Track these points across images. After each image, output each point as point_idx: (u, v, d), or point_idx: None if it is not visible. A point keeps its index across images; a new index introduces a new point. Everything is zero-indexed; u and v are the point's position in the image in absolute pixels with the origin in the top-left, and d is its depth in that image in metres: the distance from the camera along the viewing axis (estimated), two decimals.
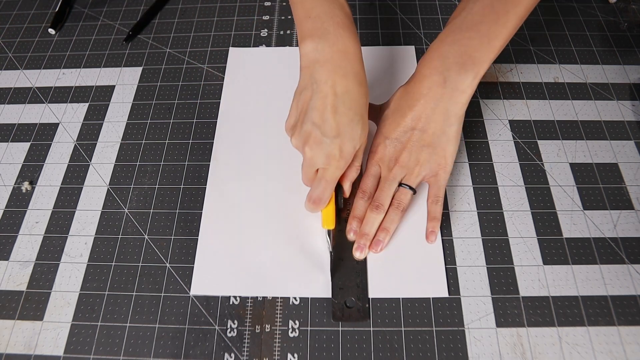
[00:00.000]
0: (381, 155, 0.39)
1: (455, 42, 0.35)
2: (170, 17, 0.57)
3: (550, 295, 0.37)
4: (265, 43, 0.54)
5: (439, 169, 0.38)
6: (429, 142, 0.38)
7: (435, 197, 0.39)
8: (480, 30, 0.34)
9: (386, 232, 0.38)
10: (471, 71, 0.35)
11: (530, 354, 0.35)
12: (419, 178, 0.39)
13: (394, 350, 0.35)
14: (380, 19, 0.55)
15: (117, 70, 0.52)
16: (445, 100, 0.36)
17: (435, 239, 0.39)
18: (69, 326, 0.37)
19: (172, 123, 0.48)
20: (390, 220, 0.38)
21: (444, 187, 0.39)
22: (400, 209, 0.38)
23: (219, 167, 0.44)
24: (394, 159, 0.39)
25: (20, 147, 0.47)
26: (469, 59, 0.35)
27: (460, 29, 0.35)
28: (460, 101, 0.36)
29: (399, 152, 0.39)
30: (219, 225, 0.41)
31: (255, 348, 0.36)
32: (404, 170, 0.39)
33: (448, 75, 0.35)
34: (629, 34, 0.53)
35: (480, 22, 0.34)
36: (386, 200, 0.38)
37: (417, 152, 0.38)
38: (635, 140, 0.45)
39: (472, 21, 0.34)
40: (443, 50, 0.36)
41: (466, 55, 0.35)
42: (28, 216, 0.43)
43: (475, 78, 0.35)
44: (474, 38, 0.34)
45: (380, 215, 0.38)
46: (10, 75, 0.53)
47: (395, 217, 0.38)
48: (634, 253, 0.39)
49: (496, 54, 0.35)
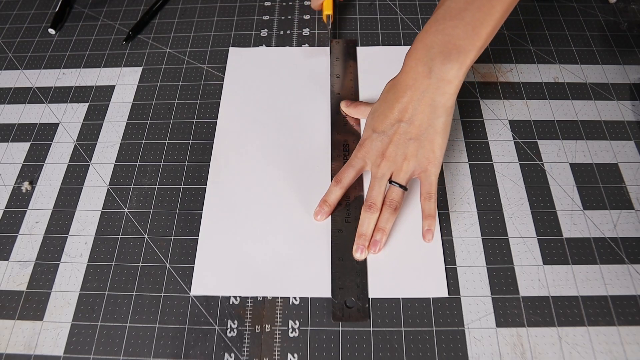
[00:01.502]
0: (368, 149, 0.39)
1: (439, 31, 0.34)
2: (170, 17, 0.57)
3: (550, 295, 0.37)
4: (265, 43, 0.54)
5: (428, 163, 0.37)
6: (416, 135, 0.36)
7: (428, 194, 0.37)
8: (464, 18, 0.33)
9: (382, 232, 0.38)
10: (456, 61, 0.34)
11: (530, 354, 0.35)
12: (407, 174, 0.38)
13: (394, 350, 0.35)
14: (380, 19, 0.55)
15: (117, 70, 0.52)
16: (432, 91, 0.35)
17: (432, 238, 0.38)
18: (69, 326, 0.37)
19: (172, 123, 0.48)
20: (385, 220, 0.38)
21: (435, 183, 0.38)
22: (394, 208, 0.38)
23: (219, 166, 0.44)
24: (380, 153, 0.38)
25: (20, 147, 0.47)
26: (453, 48, 0.34)
27: (444, 18, 0.34)
28: (447, 92, 0.35)
29: (386, 145, 0.38)
30: (219, 225, 0.41)
31: (255, 348, 0.36)
32: (391, 165, 0.38)
33: (433, 65, 0.34)
34: (629, 34, 0.53)
35: (464, 10, 0.33)
36: (378, 198, 0.38)
37: (403, 145, 0.37)
38: (635, 140, 0.45)
39: (455, 9, 0.33)
40: (427, 41, 0.35)
41: (451, 45, 0.34)
42: (28, 216, 0.43)
43: (462, 68, 0.34)
44: (458, 26, 0.33)
45: (375, 215, 0.38)
46: (10, 75, 0.53)
47: (389, 216, 0.38)
48: (634, 253, 0.39)
49: (484, 43, 0.34)
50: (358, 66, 0.51)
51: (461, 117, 0.47)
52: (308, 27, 0.55)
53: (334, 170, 0.43)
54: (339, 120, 0.47)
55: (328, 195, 0.40)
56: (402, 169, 0.38)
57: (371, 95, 0.48)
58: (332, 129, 0.46)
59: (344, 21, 0.55)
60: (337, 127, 0.46)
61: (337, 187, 0.39)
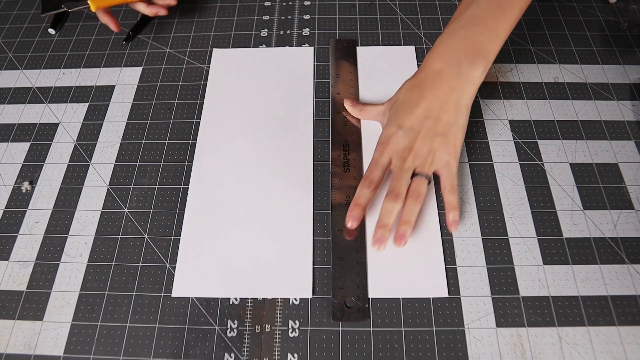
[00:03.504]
0: (394, 146, 0.39)
1: (465, 37, 0.37)
2: (170, 17, 0.57)
3: (550, 295, 0.37)
4: (265, 43, 0.54)
5: (450, 157, 0.39)
6: (442, 131, 0.38)
7: (451, 187, 0.39)
8: (488, 24, 0.36)
9: (408, 224, 0.37)
10: (482, 64, 0.37)
11: (530, 354, 0.35)
12: (432, 167, 0.39)
13: (394, 350, 0.35)
14: (380, 19, 0.55)
15: (117, 70, 0.52)
16: (458, 91, 0.38)
17: (457, 228, 0.39)
18: (69, 326, 0.37)
19: (172, 123, 0.48)
20: (410, 211, 0.38)
21: (456, 176, 0.39)
22: (419, 200, 0.38)
23: (201, 167, 0.44)
24: (407, 148, 0.39)
25: (20, 147, 0.47)
26: (479, 52, 0.37)
27: (469, 24, 0.37)
28: (470, 93, 0.38)
29: (413, 141, 0.39)
30: (201, 226, 0.41)
31: (255, 348, 0.36)
32: (417, 159, 0.39)
33: (460, 68, 0.37)
34: (629, 34, 0.53)
35: (488, 17, 0.36)
36: (403, 189, 0.38)
37: (430, 140, 0.39)
38: (635, 140, 0.45)
39: (480, 16, 0.37)
40: (454, 45, 0.38)
41: (477, 50, 0.37)
42: (28, 216, 0.43)
43: (485, 70, 0.38)
44: (483, 33, 0.37)
45: (399, 205, 0.38)
46: (10, 75, 0.53)
47: (414, 208, 0.38)
48: (634, 253, 0.39)
49: (502, 45, 0.38)
50: (358, 66, 0.51)
51: None
52: (308, 27, 0.55)
53: (334, 172, 0.43)
54: (339, 120, 0.47)
55: (360, 198, 0.38)
56: (427, 161, 0.39)
57: (371, 95, 0.49)
58: (332, 128, 0.46)
59: (344, 21, 0.55)
60: (337, 127, 0.46)
61: (369, 188, 0.38)
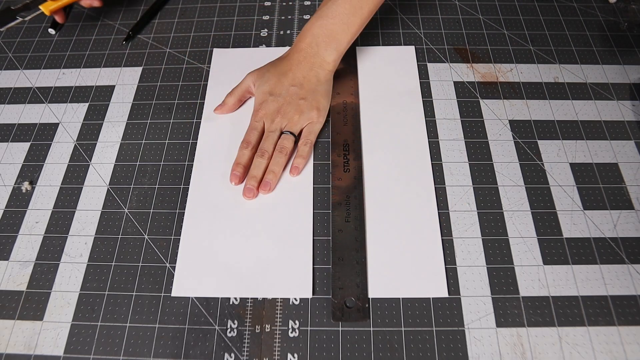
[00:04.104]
0: (265, 110, 0.45)
1: (323, 26, 0.46)
2: (170, 17, 0.57)
3: (550, 295, 0.37)
4: (265, 43, 0.54)
5: (313, 117, 0.46)
6: (305, 96, 0.46)
7: (306, 139, 0.45)
8: (342, 19, 0.45)
9: (273, 174, 0.43)
10: (335, 48, 0.46)
11: (530, 354, 0.35)
12: (298, 125, 0.45)
13: (394, 350, 0.35)
14: (380, 19, 0.55)
15: (117, 70, 0.52)
16: (316, 67, 0.46)
17: (297, 174, 0.44)
18: (69, 326, 0.37)
19: (172, 123, 0.48)
20: (275, 162, 0.43)
21: (315, 133, 0.46)
22: (284, 153, 0.44)
23: (201, 167, 0.44)
24: (277, 111, 0.45)
25: (20, 147, 0.47)
26: (333, 39, 0.46)
27: (327, 17, 0.46)
28: (326, 69, 0.47)
29: (281, 104, 0.45)
30: (201, 226, 0.41)
31: (255, 348, 0.36)
32: (285, 120, 0.45)
33: (317, 49, 0.46)
34: (629, 34, 0.53)
35: (342, 13, 0.45)
36: (270, 147, 0.44)
37: (296, 103, 0.45)
38: (635, 140, 0.45)
39: (336, 12, 0.45)
40: (314, 31, 0.46)
41: (331, 37, 0.46)
42: (28, 216, 0.43)
43: (338, 53, 0.46)
44: (337, 24, 0.45)
45: (265, 160, 0.43)
46: (10, 75, 0.53)
47: (280, 159, 0.44)
48: (634, 253, 0.39)
49: (353, 36, 0.46)
50: (358, 66, 0.51)
51: (461, 117, 0.47)
52: None
53: (333, 173, 0.43)
54: (339, 120, 0.47)
55: (240, 158, 0.44)
56: (293, 120, 0.45)
57: (371, 95, 0.49)
58: (332, 128, 0.46)
59: None
60: (337, 127, 0.46)
61: (247, 149, 0.44)
